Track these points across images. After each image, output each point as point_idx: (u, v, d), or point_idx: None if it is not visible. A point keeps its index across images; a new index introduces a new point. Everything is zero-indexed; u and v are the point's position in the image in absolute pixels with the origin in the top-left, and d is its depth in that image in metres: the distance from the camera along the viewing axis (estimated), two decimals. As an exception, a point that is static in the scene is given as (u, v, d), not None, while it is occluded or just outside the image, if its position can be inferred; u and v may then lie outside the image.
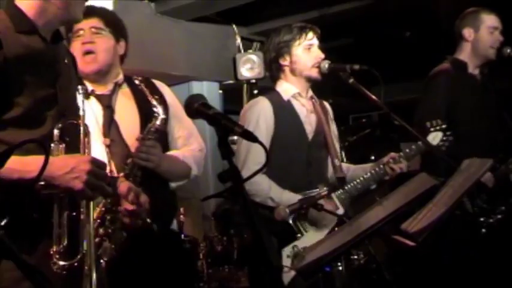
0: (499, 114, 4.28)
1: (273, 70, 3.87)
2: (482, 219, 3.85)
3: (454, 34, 4.34)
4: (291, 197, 3.54)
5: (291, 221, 3.48)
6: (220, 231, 5.09)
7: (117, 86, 3.31)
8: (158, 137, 3.13)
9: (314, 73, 3.75)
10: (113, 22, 3.31)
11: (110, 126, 3.21)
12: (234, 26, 7.07)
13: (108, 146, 3.16)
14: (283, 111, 3.74)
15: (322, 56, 3.76)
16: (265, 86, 3.96)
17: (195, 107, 2.08)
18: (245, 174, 2.37)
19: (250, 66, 6.57)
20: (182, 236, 4.46)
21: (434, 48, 4.88)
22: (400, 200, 2.66)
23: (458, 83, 4.16)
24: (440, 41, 4.91)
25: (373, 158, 5.17)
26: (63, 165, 2.16)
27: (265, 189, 3.58)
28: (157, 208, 3.05)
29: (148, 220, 2.97)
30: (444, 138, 3.79)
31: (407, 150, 3.77)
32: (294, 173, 3.71)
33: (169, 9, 6.35)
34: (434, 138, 3.78)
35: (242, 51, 6.96)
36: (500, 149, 4.10)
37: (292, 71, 3.78)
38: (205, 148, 3.57)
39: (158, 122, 3.11)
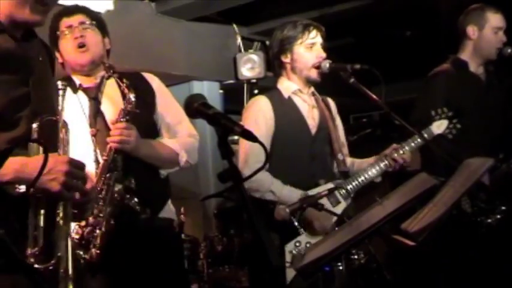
0: (504, 113, 4.26)
1: (276, 67, 3.87)
2: (481, 219, 3.84)
3: (456, 31, 4.31)
4: (291, 192, 3.56)
5: (292, 217, 3.46)
6: (221, 231, 5.09)
7: (104, 79, 3.37)
8: (131, 119, 3.14)
9: (313, 74, 3.74)
10: (97, 18, 3.43)
11: (96, 116, 3.28)
12: (234, 25, 7.08)
13: (94, 136, 3.21)
14: (284, 108, 3.74)
15: (324, 55, 3.74)
16: (266, 85, 3.96)
17: (195, 107, 2.08)
18: (246, 173, 2.37)
19: (250, 66, 6.58)
20: (182, 235, 4.44)
21: (435, 47, 4.88)
22: (400, 200, 2.68)
23: (458, 82, 4.15)
24: (441, 40, 4.92)
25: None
26: (40, 166, 2.06)
27: (266, 184, 3.58)
28: (145, 195, 3.11)
29: (137, 207, 3.03)
30: (450, 126, 3.78)
31: (409, 140, 3.75)
32: (297, 167, 3.70)
33: (169, 8, 6.36)
34: (440, 126, 3.77)
35: (243, 50, 6.97)
36: (501, 149, 4.08)
37: (293, 69, 3.78)
38: (197, 135, 3.54)
39: (130, 105, 3.13)
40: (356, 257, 4.00)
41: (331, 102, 4.02)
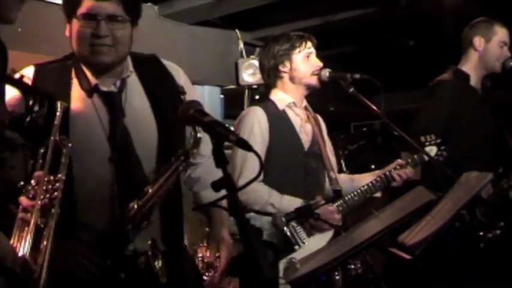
0: (497, 129, 4.24)
1: (271, 77, 3.81)
2: (481, 233, 3.81)
3: (459, 42, 4.29)
4: (291, 201, 3.53)
5: (288, 233, 3.44)
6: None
7: (126, 78, 2.70)
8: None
9: (314, 81, 3.72)
10: (133, 5, 2.68)
11: (121, 137, 2.60)
12: (237, 30, 7.06)
13: (113, 163, 2.57)
14: (278, 120, 3.71)
15: (321, 64, 3.74)
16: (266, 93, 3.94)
17: (191, 114, 2.05)
18: (241, 183, 2.33)
19: (252, 72, 6.58)
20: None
21: (438, 57, 4.86)
22: (396, 214, 2.65)
23: (459, 94, 4.13)
24: (443, 51, 4.89)
25: (373, 166, 5.14)
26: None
27: (264, 196, 3.54)
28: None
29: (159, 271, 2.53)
30: (439, 153, 3.79)
31: (409, 160, 3.77)
32: (292, 182, 3.67)
33: (172, 12, 6.34)
34: (429, 152, 3.77)
35: (245, 56, 6.96)
36: (500, 163, 4.06)
37: (292, 79, 3.75)
38: None
39: (195, 148, 2.38)
40: (353, 266, 3.99)
41: (320, 119, 3.98)
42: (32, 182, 2.23)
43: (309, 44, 3.76)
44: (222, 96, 7.36)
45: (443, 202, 2.93)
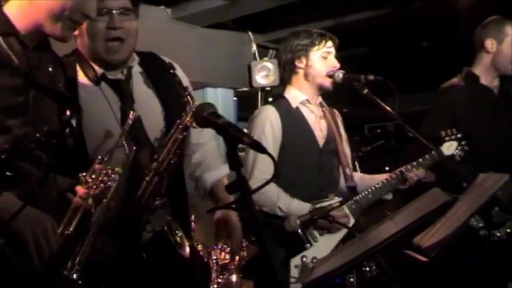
0: None
1: (286, 71, 3.82)
2: (491, 232, 3.78)
3: (473, 43, 4.25)
4: (299, 206, 3.51)
5: (299, 231, 3.42)
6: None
7: (132, 69, 2.84)
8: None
9: (327, 83, 3.70)
10: None
11: (134, 122, 2.63)
12: (249, 33, 7.07)
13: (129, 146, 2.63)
14: (292, 118, 3.70)
15: (338, 65, 3.71)
16: (280, 93, 3.93)
17: (204, 116, 2.05)
18: (252, 184, 2.33)
19: (265, 74, 6.58)
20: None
21: (452, 58, 4.82)
22: (412, 216, 2.61)
23: (469, 96, 4.07)
24: (457, 52, 4.86)
25: (387, 168, 5.11)
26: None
27: (273, 199, 3.53)
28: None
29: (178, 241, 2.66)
30: (459, 148, 3.77)
31: (420, 160, 3.72)
32: (306, 179, 3.66)
33: (185, 15, 6.38)
34: (449, 147, 3.75)
35: (257, 58, 6.96)
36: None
37: (306, 75, 3.73)
38: None
39: (189, 119, 2.63)
40: (368, 269, 3.97)
41: (337, 114, 3.98)
42: (90, 173, 2.37)
43: (330, 43, 3.73)
44: (235, 98, 7.39)
45: (459, 203, 2.91)
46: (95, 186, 2.34)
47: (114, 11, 2.66)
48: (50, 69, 2.33)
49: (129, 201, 2.57)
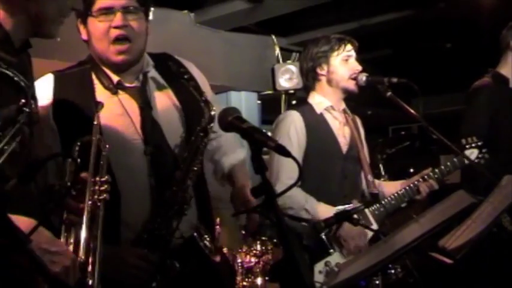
0: None
1: (309, 80, 3.82)
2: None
3: (499, 44, 4.22)
4: (326, 209, 3.50)
5: (323, 236, 3.43)
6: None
7: (147, 74, 2.75)
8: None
9: (351, 85, 3.70)
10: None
11: (152, 129, 2.66)
12: (273, 36, 7.08)
13: (150, 157, 2.62)
14: (316, 124, 3.70)
15: (360, 68, 3.71)
16: (304, 96, 3.93)
17: (229, 120, 2.05)
18: (279, 189, 2.33)
19: (288, 77, 6.58)
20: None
21: (476, 60, 4.80)
22: (437, 218, 2.61)
23: (499, 97, 4.06)
24: (481, 53, 4.83)
25: (411, 170, 5.09)
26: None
27: (301, 201, 3.53)
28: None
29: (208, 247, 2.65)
30: (480, 156, 3.75)
31: (442, 167, 3.73)
32: (330, 185, 3.66)
33: (208, 19, 6.38)
34: (470, 155, 3.73)
35: (281, 61, 6.97)
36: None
37: (329, 81, 3.74)
38: None
39: (209, 122, 2.60)
40: (393, 271, 3.95)
41: (359, 121, 3.97)
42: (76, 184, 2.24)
43: (349, 46, 3.74)
44: (259, 102, 7.37)
45: (484, 206, 2.89)
46: (90, 198, 2.21)
47: (117, 10, 2.58)
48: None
49: (157, 211, 2.56)
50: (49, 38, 2.15)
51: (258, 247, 4.56)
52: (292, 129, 3.63)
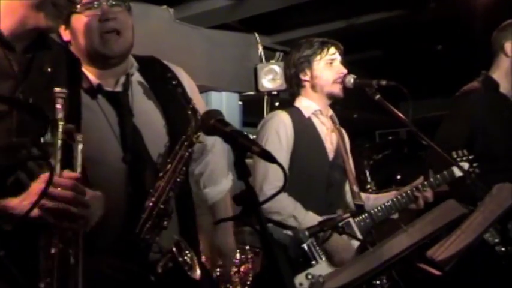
0: None
1: (293, 86, 3.78)
2: (510, 249, 3.69)
3: (491, 47, 4.15)
4: (314, 218, 3.42)
5: (306, 247, 3.34)
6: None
7: (130, 76, 2.67)
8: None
9: (336, 89, 3.66)
10: None
11: (132, 137, 2.57)
12: (256, 34, 6.99)
13: (127, 163, 2.53)
14: (304, 127, 3.65)
15: (345, 71, 3.67)
16: (287, 98, 3.87)
17: (211, 124, 1.98)
18: (264, 195, 2.25)
19: (272, 77, 6.55)
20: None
21: (467, 62, 4.76)
22: (427, 228, 2.56)
23: (488, 103, 4.01)
24: (473, 55, 4.78)
25: (399, 177, 5.03)
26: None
27: (289, 208, 3.46)
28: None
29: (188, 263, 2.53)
30: (471, 170, 3.70)
31: (431, 180, 3.68)
32: (315, 193, 3.60)
33: (188, 15, 6.29)
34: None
35: (264, 61, 6.89)
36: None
37: (313, 87, 3.70)
38: None
39: (195, 135, 2.52)
40: (378, 282, 3.90)
41: (344, 133, 3.92)
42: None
43: (332, 49, 3.70)
44: (240, 103, 7.30)
45: (474, 215, 2.84)
46: None
47: (104, 3, 2.56)
48: (49, 69, 2.15)
49: (134, 223, 2.45)
50: (50, 33, 2.16)
51: (238, 255, 4.46)
52: (281, 127, 3.57)
